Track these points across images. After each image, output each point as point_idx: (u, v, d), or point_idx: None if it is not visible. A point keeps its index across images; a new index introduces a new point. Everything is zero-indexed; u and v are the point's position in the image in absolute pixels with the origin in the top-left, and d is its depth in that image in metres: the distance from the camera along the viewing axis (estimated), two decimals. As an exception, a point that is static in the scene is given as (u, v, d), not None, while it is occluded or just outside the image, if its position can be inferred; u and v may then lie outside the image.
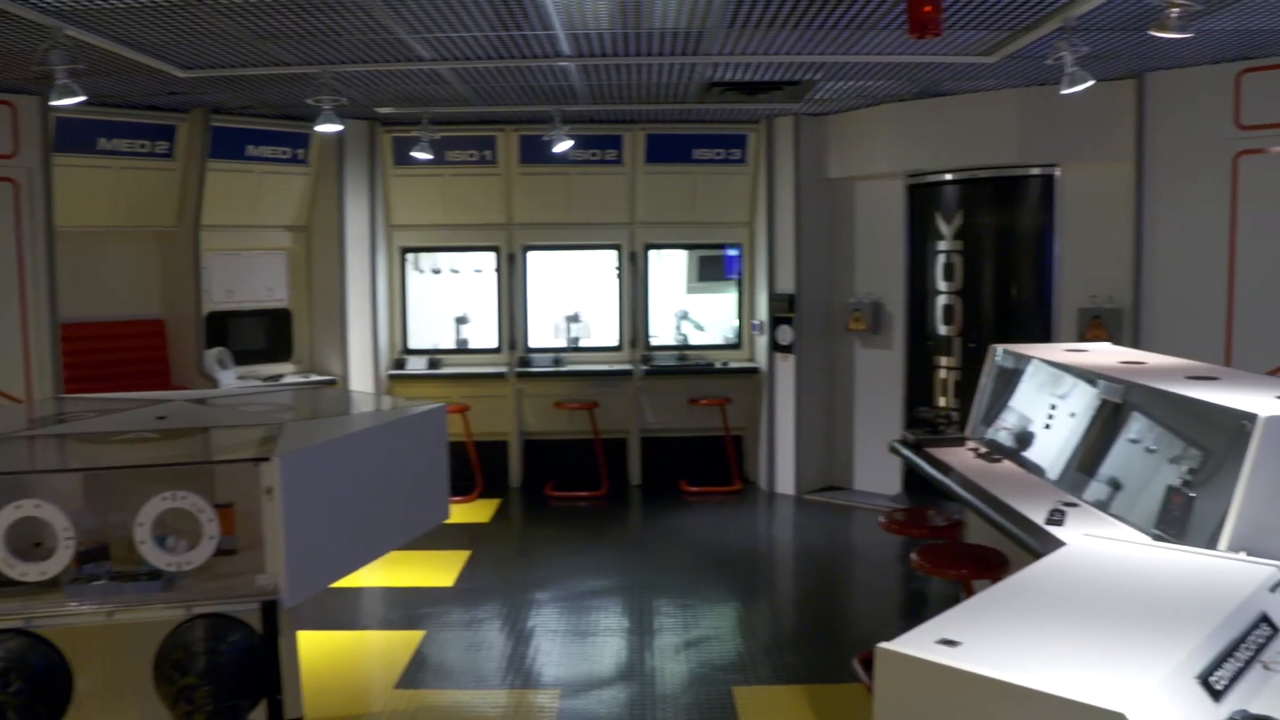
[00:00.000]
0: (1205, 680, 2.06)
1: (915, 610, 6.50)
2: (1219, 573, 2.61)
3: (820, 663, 5.75)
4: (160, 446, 4.13)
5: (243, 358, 9.06)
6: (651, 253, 10.27)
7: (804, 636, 6.28)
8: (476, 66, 7.06)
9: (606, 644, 6.09)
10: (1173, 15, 4.56)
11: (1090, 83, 5.79)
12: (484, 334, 10.20)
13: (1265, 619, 2.41)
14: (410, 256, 10.17)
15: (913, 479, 8.78)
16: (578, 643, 6.11)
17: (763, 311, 9.89)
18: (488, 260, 10.17)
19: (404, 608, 6.73)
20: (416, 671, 5.67)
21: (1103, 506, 3.81)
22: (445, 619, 6.49)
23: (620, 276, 10.22)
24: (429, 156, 8.92)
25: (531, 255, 10.17)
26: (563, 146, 8.87)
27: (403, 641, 6.12)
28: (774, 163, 9.66)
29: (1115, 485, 3.80)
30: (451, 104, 8.56)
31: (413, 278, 10.22)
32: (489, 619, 6.53)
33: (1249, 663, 2.22)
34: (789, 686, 5.44)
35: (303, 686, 4.78)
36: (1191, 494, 3.33)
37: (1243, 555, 2.88)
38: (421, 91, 7.97)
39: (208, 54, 6.54)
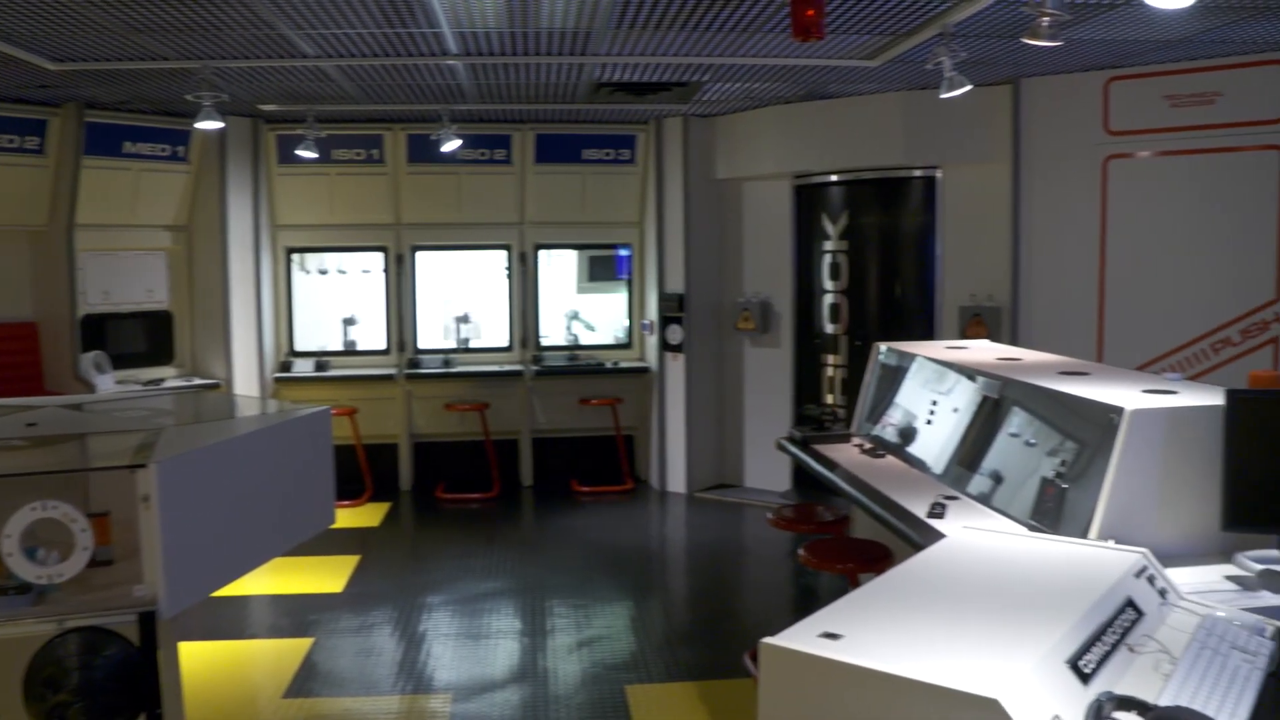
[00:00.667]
0: (1075, 664, 2.13)
1: (806, 605, 6.60)
2: (1088, 561, 2.70)
3: (712, 659, 5.81)
4: (30, 454, 3.97)
5: (122, 361, 8.76)
6: (541, 253, 10.25)
7: (696, 633, 6.33)
8: (362, 64, 6.96)
9: (499, 646, 6.06)
10: (1044, 24, 4.70)
11: (968, 87, 5.95)
12: (373, 336, 10.05)
13: (1131, 603, 2.50)
14: (296, 257, 9.97)
15: (802, 476, 8.92)
16: (470, 646, 6.07)
17: (653, 311, 9.94)
18: (376, 261, 10.03)
19: (292, 615, 6.60)
20: (305, 680, 5.57)
21: (985, 499, 3.90)
22: (335, 625, 6.39)
23: (510, 277, 10.17)
24: (314, 155, 8.76)
25: (420, 255, 10.06)
26: (451, 146, 8.80)
27: (291, 649, 6.00)
28: (663, 163, 9.73)
29: (997, 478, 3.89)
30: (337, 102, 8.42)
31: (299, 279, 10.03)
32: (380, 624, 6.45)
33: (1115, 645, 2.31)
34: (682, 683, 5.48)
35: (185, 699, 4.64)
36: (1064, 485, 3.45)
37: (1111, 543, 2.99)
38: (306, 89, 7.83)
39: (80, 46, 6.32)
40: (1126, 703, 1.99)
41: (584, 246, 10.43)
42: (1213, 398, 3.35)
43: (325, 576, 7.30)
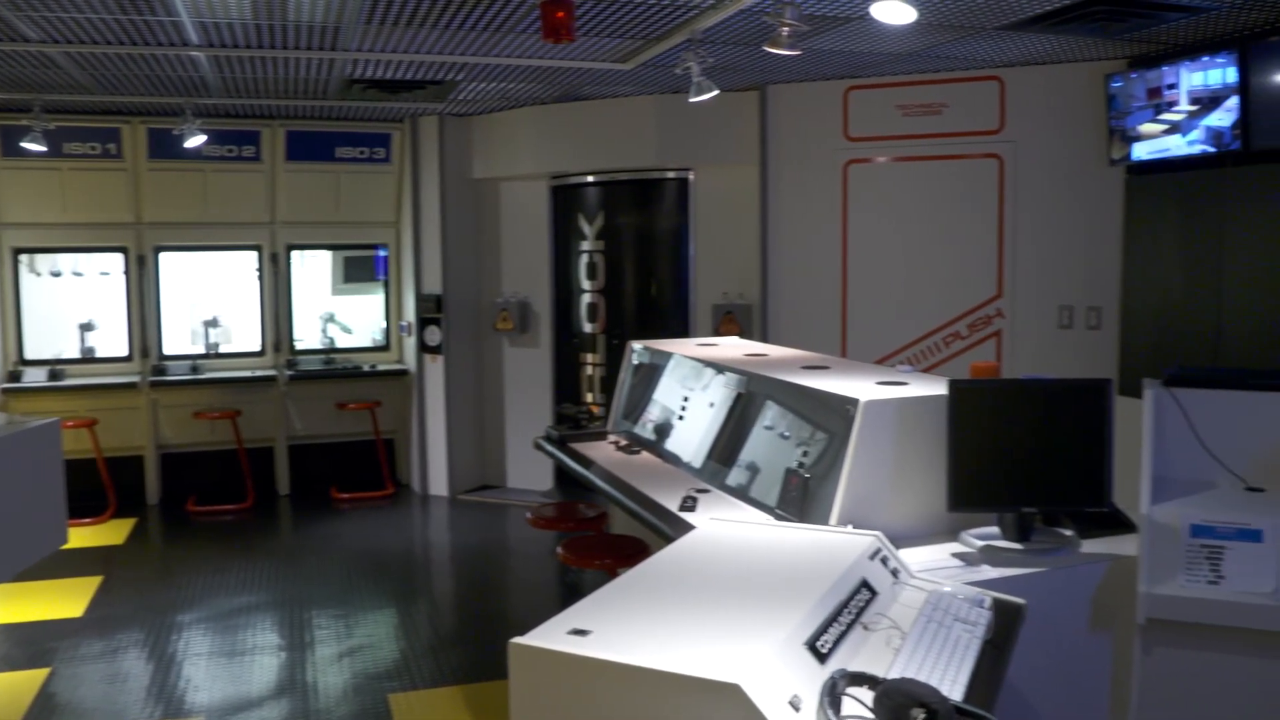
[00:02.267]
0: (812, 645, 2.25)
1: (571, 602, 6.65)
2: (827, 546, 2.84)
3: (478, 661, 5.80)
4: None
5: None
6: (295, 254, 9.94)
7: (462, 637, 6.29)
8: (94, 51, 6.55)
9: (257, 662, 5.85)
10: (784, 34, 4.91)
11: (715, 92, 6.13)
12: (113, 341, 9.47)
13: (865, 584, 2.66)
14: (25, 258, 9.28)
15: (564, 474, 8.96)
16: (226, 664, 5.82)
17: (410, 313, 9.80)
18: (115, 262, 9.46)
19: (26, 644, 6.15)
20: (41, 713, 5.20)
21: (743, 491, 4.02)
22: (75, 652, 6.00)
23: (261, 279, 9.81)
24: (42, 148, 8.15)
25: (165, 256, 9.56)
26: (195, 141, 8.41)
27: (25, 682, 5.59)
28: (419, 162, 9.60)
29: (754, 470, 4.02)
30: (68, 91, 7.89)
31: (28, 281, 9.32)
32: (126, 647, 6.10)
33: (851, 625, 2.45)
34: (446, 688, 5.44)
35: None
36: (807, 475, 3.62)
37: (849, 528, 3.17)
38: (31, 76, 7.30)
39: None
40: (858, 678, 2.12)
41: (339, 247, 10.18)
42: (938, 388, 3.59)
43: (63, 600, 6.85)
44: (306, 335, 10.03)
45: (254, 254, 9.80)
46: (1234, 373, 3.76)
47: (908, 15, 4.75)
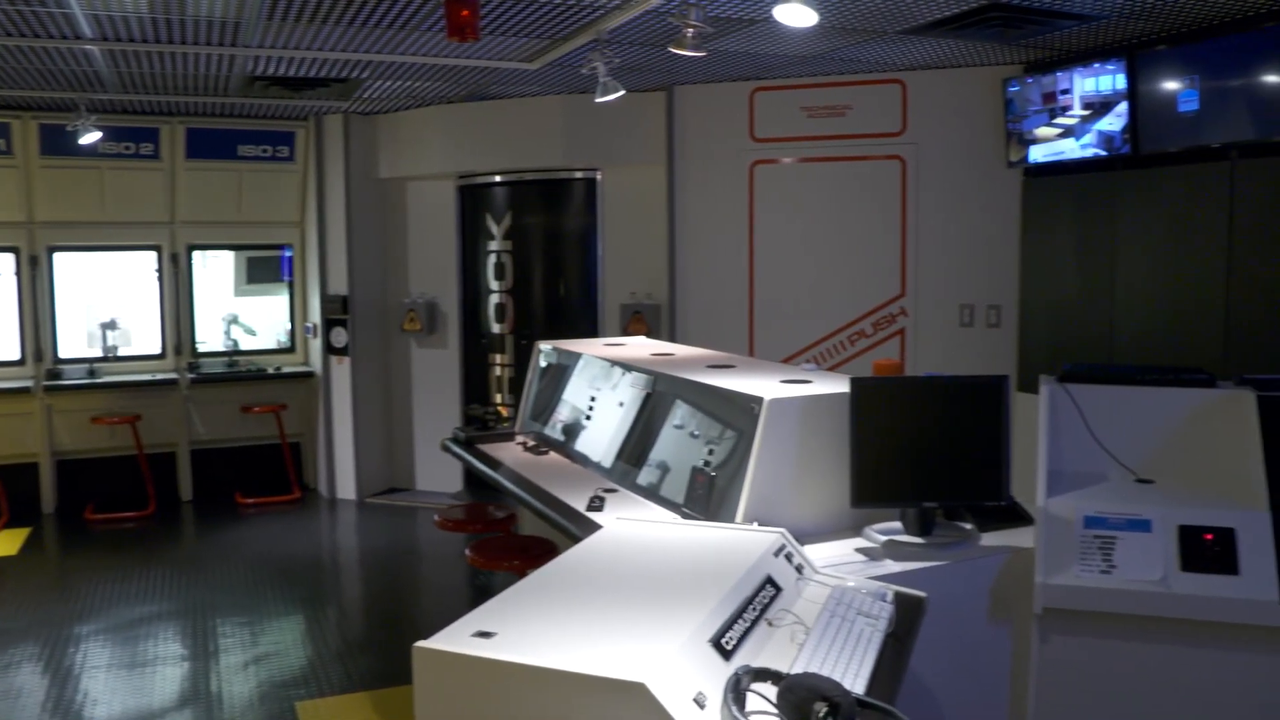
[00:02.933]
0: (717, 642, 2.26)
1: (480, 604, 6.63)
2: (733, 543, 2.87)
3: (387, 666, 5.74)
4: None
5: None
6: (196, 254, 9.72)
7: (371, 642, 6.22)
8: (-22, 45, 6.35)
9: (160, 673, 5.71)
10: (689, 35, 4.95)
11: (622, 93, 6.15)
12: (3, 345, 9.17)
13: (770, 581, 2.69)
14: (-94, 260, 8.96)
15: (474, 476, 8.91)
16: (127, 676, 5.67)
17: (316, 314, 9.66)
18: (6, 262, 9.15)
19: (-90, 659, 5.95)
20: (-73, 729, 5.04)
21: (654, 490, 4.02)
22: (-37, 666, 5.81)
23: (161, 279, 9.58)
24: (-75, 146, 7.90)
25: (59, 257, 9.27)
26: (90, 138, 8.20)
27: (-91, 697, 5.41)
28: (324, 161, 9.47)
29: (665, 469, 4.03)
30: (-50, 86, 7.65)
31: (-91, 284, 9.01)
32: (21, 662, 5.90)
33: (756, 621, 2.48)
34: (355, 694, 5.37)
35: None
36: (713, 474, 3.65)
37: (755, 525, 3.20)
38: (-89, 72, 7.06)
39: None
40: (762, 674, 2.14)
41: (242, 247, 9.98)
42: (841, 386, 3.64)
43: (-49, 613, 6.63)
44: (209, 337, 9.82)
45: (153, 254, 9.56)
46: (1125, 369, 3.88)
47: (809, 18, 4.81)
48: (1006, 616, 3.38)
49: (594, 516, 3.77)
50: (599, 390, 4.94)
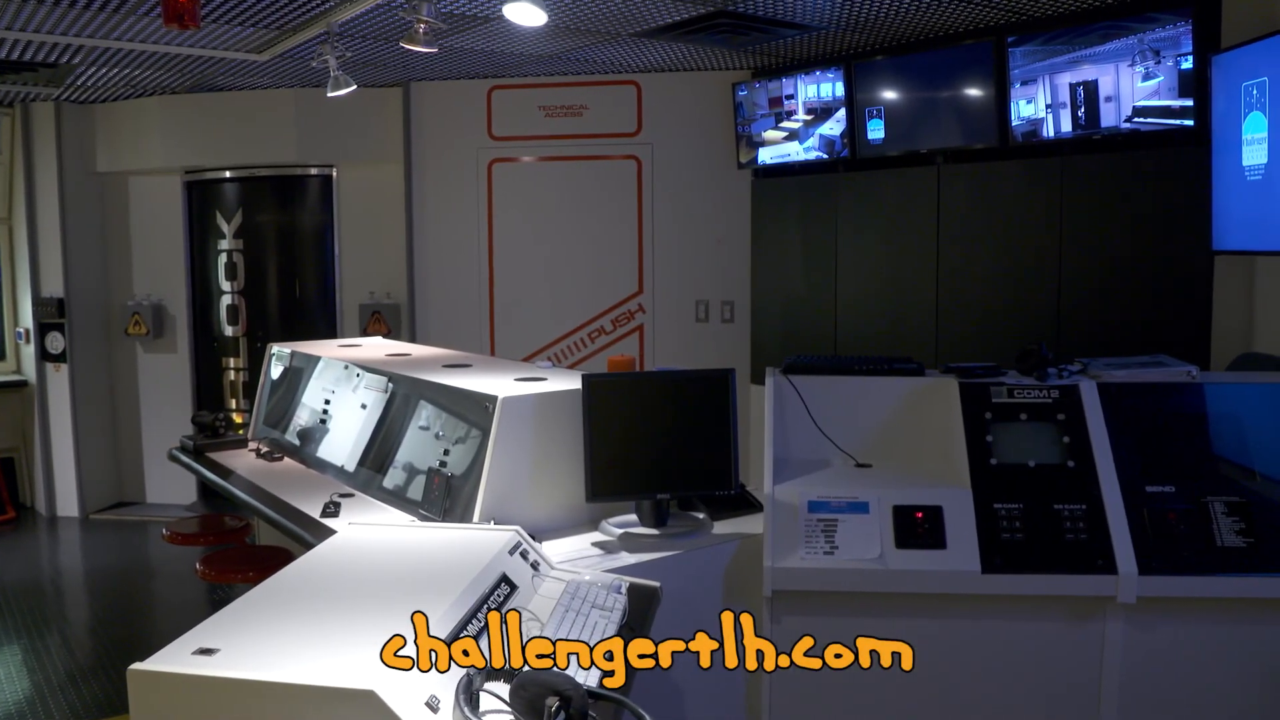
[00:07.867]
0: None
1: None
2: (469, 543, 2.86)
3: (119, 694, 5.40)
4: None
5: None
6: (-116, 255, 8.88)
7: (100, 667, 5.84)
8: None
9: None
10: (421, 30, 4.90)
11: (353, 88, 6.02)
12: None
13: (505, 578, 2.70)
14: None
15: (209, 487, 8.56)
16: None
17: (28, 318, 8.98)
18: None
19: None
20: None
21: (400, 493, 3.94)
22: None
23: None
24: None
25: None
26: None
27: None
28: (33, 153, 8.80)
29: (410, 471, 3.97)
30: None
31: None
32: None
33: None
34: (81, 723, 5.06)
35: None
36: (449, 474, 3.63)
37: (491, 524, 3.21)
38: None
39: None
40: (494, 673, 2.15)
41: (-61, 247, 9.19)
42: (574, 382, 3.70)
43: None
44: (-99, 346, 9.00)
45: None
46: (843, 360, 4.10)
47: (538, 18, 4.86)
48: (740, 601, 3.51)
49: (329, 523, 3.68)
50: (338, 393, 4.81)
